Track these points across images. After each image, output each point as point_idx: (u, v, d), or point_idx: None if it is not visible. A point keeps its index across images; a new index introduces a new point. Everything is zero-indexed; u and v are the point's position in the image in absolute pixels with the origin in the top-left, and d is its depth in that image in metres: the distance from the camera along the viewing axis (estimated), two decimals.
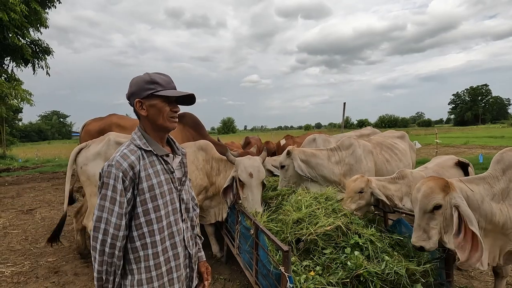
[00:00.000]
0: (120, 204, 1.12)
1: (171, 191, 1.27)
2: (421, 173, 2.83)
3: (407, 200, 2.75)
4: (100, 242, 1.11)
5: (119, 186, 1.12)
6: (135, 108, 1.24)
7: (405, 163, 3.50)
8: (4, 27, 8.37)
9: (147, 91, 1.21)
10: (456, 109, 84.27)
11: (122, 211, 1.12)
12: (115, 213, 1.11)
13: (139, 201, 1.17)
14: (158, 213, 1.20)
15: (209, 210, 3.21)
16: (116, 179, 1.11)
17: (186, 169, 1.41)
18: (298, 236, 2.25)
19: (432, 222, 1.90)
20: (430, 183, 1.92)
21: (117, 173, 1.12)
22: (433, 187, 1.88)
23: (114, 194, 1.11)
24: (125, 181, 1.13)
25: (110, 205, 1.11)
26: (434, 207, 1.86)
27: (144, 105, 1.22)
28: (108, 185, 1.12)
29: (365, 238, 2.20)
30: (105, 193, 1.12)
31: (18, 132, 41.17)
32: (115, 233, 1.12)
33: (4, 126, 20.15)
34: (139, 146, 1.22)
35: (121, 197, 1.12)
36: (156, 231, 1.20)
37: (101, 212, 1.11)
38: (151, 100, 1.22)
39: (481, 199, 1.89)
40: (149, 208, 1.18)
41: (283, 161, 3.30)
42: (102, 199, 1.12)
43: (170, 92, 1.23)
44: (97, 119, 4.32)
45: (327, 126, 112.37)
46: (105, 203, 1.11)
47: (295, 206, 2.56)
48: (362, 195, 2.59)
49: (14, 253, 3.81)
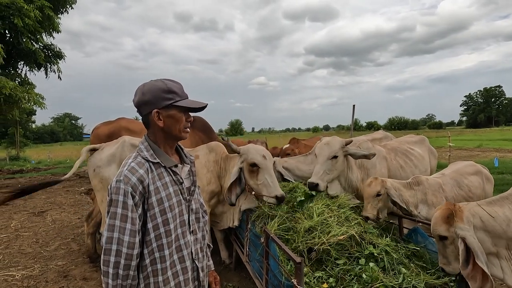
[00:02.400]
0: (132, 220, 1.07)
1: (180, 203, 1.23)
2: (437, 180, 2.72)
3: (422, 207, 2.64)
4: (113, 265, 1.04)
5: (130, 201, 1.07)
6: (151, 118, 1.17)
7: (421, 169, 3.38)
8: (19, 32, 8.57)
9: (165, 101, 1.15)
10: (469, 111, 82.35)
11: (135, 228, 1.07)
12: (127, 231, 1.05)
13: (149, 216, 1.13)
14: (167, 227, 1.16)
15: (222, 215, 3.14)
16: (126, 195, 1.06)
17: (195, 177, 1.36)
18: (309, 246, 2.18)
19: (446, 249, 1.87)
20: (436, 214, 1.89)
21: (126, 188, 1.07)
22: (437, 218, 1.85)
23: (125, 211, 1.06)
24: (135, 196, 1.08)
25: (121, 223, 1.05)
26: (440, 238, 1.84)
27: (161, 115, 1.17)
28: (117, 202, 1.06)
29: (380, 249, 2.11)
30: (115, 211, 1.06)
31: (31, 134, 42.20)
32: (129, 253, 1.06)
33: (18, 129, 20.66)
34: (146, 158, 1.17)
35: (132, 213, 1.07)
36: (165, 245, 1.15)
37: (111, 232, 1.05)
38: (169, 111, 1.17)
39: (506, 222, 1.74)
40: (158, 222, 1.14)
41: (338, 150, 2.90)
42: (111, 218, 1.06)
43: (189, 103, 1.19)
44: (106, 123, 4.34)
45: (335, 129, 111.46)
46: (115, 222, 1.05)
47: (306, 214, 2.49)
48: (380, 198, 2.52)
49: (25, 256, 3.84)
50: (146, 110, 1.17)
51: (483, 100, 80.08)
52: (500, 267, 1.77)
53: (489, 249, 1.75)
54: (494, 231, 1.74)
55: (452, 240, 1.81)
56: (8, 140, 22.33)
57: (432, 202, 2.61)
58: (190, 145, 3.73)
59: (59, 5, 10.32)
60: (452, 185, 2.72)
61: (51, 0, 9.63)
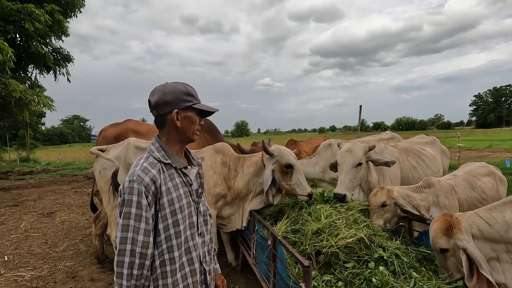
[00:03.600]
0: (146, 220, 1.07)
1: (189, 204, 1.23)
2: (449, 181, 2.65)
3: (434, 210, 2.58)
4: (128, 266, 1.04)
5: (143, 201, 1.07)
6: (169, 118, 1.19)
7: (433, 169, 3.31)
8: (29, 36, 8.73)
9: (185, 103, 1.19)
10: (478, 110, 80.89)
11: (149, 227, 1.07)
12: (141, 230, 1.06)
13: (160, 217, 1.13)
14: (177, 228, 1.15)
15: (230, 217, 3.12)
16: (140, 195, 1.06)
17: (202, 180, 1.36)
18: (317, 248, 2.15)
19: (447, 262, 1.84)
20: (434, 226, 1.87)
21: (140, 188, 1.07)
22: (436, 231, 1.83)
23: (139, 210, 1.06)
24: (148, 196, 1.08)
25: (136, 223, 1.05)
26: (440, 250, 1.82)
27: (179, 116, 1.19)
28: (131, 202, 1.06)
29: (390, 252, 2.06)
30: (129, 210, 1.06)
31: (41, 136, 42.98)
32: (143, 252, 1.06)
33: (28, 131, 21.06)
34: (158, 158, 1.17)
35: (146, 212, 1.07)
36: (175, 247, 1.15)
37: (126, 232, 1.05)
38: (187, 112, 1.20)
39: (505, 228, 1.72)
40: (169, 223, 1.14)
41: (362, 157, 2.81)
42: (125, 218, 1.06)
43: (205, 107, 1.24)
44: (114, 124, 4.37)
45: (342, 129, 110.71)
46: (130, 222, 1.05)
47: (314, 216, 2.45)
48: (386, 209, 2.43)
49: (34, 257, 3.89)
50: (165, 110, 1.19)
51: (493, 99, 78.59)
52: (501, 271, 1.76)
53: (489, 254, 1.75)
54: (492, 238, 1.74)
55: (453, 252, 1.79)
56: (19, 142, 22.79)
57: (445, 205, 2.54)
58: (196, 147, 3.72)
59: (68, 9, 10.48)
60: (464, 186, 2.65)
61: (61, 4, 9.80)
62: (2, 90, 7.64)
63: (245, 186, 2.93)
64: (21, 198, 7.80)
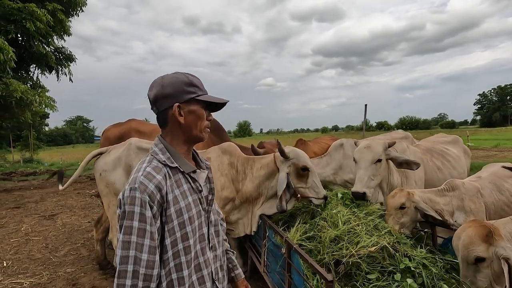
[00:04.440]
0: (151, 235, 0.90)
1: (199, 214, 1.06)
2: (474, 184, 2.47)
3: (459, 215, 2.39)
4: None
5: (147, 213, 0.90)
6: (170, 114, 1.03)
7: (459, 170, 3.12)
8: (30, 36, 8.63)
9: (187, 95, 1.01)
10: (483, 109, 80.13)
11: (154, 244, 0.91)
12: (145, 248, 0.89)
13: (167, 230, 0.96)
14: (187, 243, 0.99)
15: (238, 221, 2.95)
16: (143, 205, 0.90)
17: (212, 185, 1.19)
18: (336, 257, 1.97)
19: (479, 275, 1.63)
20: (469, 231, 1.65)
21: (143, 197, 0.90)
22: (473, 237, 1.62)
23: (143, 224, 0.89)
24: (153, 207, 0.92)
25: (138, 239, 0.88)
26: (476, 260, 1.61)
27: (182, 110, 1.02)
28: (132, 214, 0.89)
29: (417, 262, 1.89)
30: (130, 224, 0.89)
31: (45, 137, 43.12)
32: (148, 273, 0.89)
33: (32, 132, 21.06)
34: (164, 162, 1.00)
35: (151, 226, 0.90)
36: (184, 265, 0.98)
37: (127, 251, 0.88)
38: (191, 106, 1.03)
39: None
40: (177, 237, 0.97)
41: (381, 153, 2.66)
42: (126, 233, 0.89)
43: (211, 98, 1.05)
44: (117, 124, 4.23)
45: (344, 129, 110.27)
46: (131, 238, 0.88)
47: (330, 221, 2.28)
48: (404, 211, 2.26)
49: (34, 262, 3.75)
50: (165, 105, 1.02)
51: (498, 98, 77.84)
52: None
53: None
54: None
55: (489, 262, 1.60)
56: (22, 142, 22.81)
57: (470, 209, 2.36)
58: (202, 147, 3.56)
59: (70, 8, 10.38)
60: (491, 189, 2.46)
61: (63, 3, 9.69)
62: (3, 90, 7.53)
63: (255, 189, 2.76)
64: (23, 199, 7.69)
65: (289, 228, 2.46)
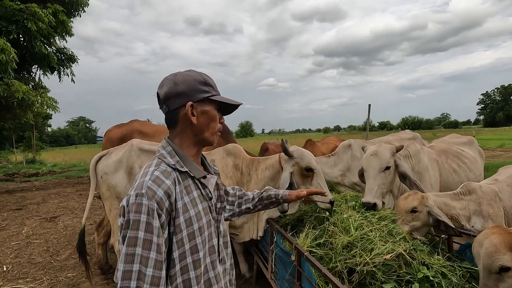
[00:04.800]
0: (158, 247, 0.80)
1: (209, 223, 0.97)
2: (492, 187, 2.35)
3: (476, 220, 2.28)
4: None
5: (155, 222, 0.81)
6: (182, 113, 0.94)
7: (476, 173, 3.00)
8: (32, 36, 8.58)
9: (202, 94, 0.94)
10: (486, 109, 79.56)
11: (161, 257, 0.81)
12: (151, 262, 0.79)
13: (175, 242, 0.86)
14: (196, 256, 0.89)
15: (243, 226, 2.85)
16: (151, 213, 0.80)
17: (221, 192, 1.10)
18: (350, 265, 1.87)
19: (501, 285, 1.52)
20: (494, 239, 1.53)
21: (151, 204, 0.81)
22: (498, 245, 1.50)
23: (149, 234, 0.79)
24: (161, 215, 0.83)
25: (144, 252, 0.78)
26: (501, 269, 1.49)
27: (195, 110, 0.94)
28: (138, 223, 0.79)
29: (435, 270, 1.78)
30: (135, 235, 0.79)
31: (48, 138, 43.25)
32: None
33: (34, 132, 21.08)
34: (173, 166, 0.91)
35: (158, 237, 0.81)
36: (193, 281, 0.89)
37: (130, 264, 0.78)
38: (204, 105, 0.95)
39: None
40: (185, 250, 0.88)
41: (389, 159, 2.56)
42: (130, 244, 0.79)
43: (228, 99, 0.98)
44: (119, 125, 4.15)
45: (346, 129, 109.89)
46: (136, 250, 0.78)
47: (341, 227, 2.18)
48: (416, 215, 2.14)
49: (35, 266, 3.66)
50: (178, 103, 0.94)
51: (501, 98, 77.29)
52: None
53: None
54: None
55: None
56: (25, 143, 22.85)
57: (489, 214, 2.24)
58: (206, 149, 3.47)
59: (72, 8, 10.34)
60: (510, 193, 2.35)
61: (64, 4, 9.65)
62: (4, 91, 7.48)
63: None
64: (25, 201, 7.63)
65: (298, 233, 2.36)
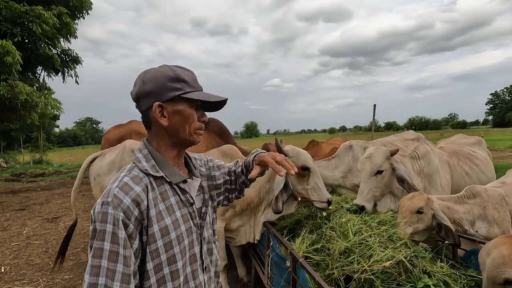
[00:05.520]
0: (125, 260, 0.74)
1: (190, 231, 0.90)
2: (499, 190, 2.24)
3: (481, 224, 2.18)
4: None
5: (121, 233, 0.75)
6: (152, 114, 0.87)
7: (489, 175, 2.87)
8: (36, 38, 8.66)
9: (171, 92, 0.86)
10: (495, 109, 78.13)
11: (129, 270, 0.75)
12: (118, 275, 0.73)
13: (149, 252, 0.80)
14: (174, 266, 0.83)
15: (239, 229, 2.79)
16: (116, 223, 0.75)
17: (206, 195, 1.03)
18: (347, 273, 1.79)
19: None
20: (503, 250, 1.45)
21: (116, 214, 0.75)
22: (506, 257, 1.43)
23: (115, 246, 0.74)
24: (129, 225, 0.77)
25: (110, 264, 0.73)
26: (505, 282, 1.41)
27: (165, 110, 0.87)
28: (103, 233, 0.74)
29: (437, 279, 1.69)
30: (100, 246, 0.74)
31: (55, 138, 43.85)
32: None
33: (41, 133, 21.36)
34: (146, 170, 0.85)
35: (125, 249, 0.75)
36: None
37: (96, 278, 0.73)
38: (177, 105, 0.87)
39: None
40: (162, 261, 0.82)
41: (382, 164, 2.52)
42: (95, 256, 0.74)
43: (203, 95, 0.89)
44: (117, 126, 4.13)
45: (352, 129, 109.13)
46: (101, 262, 0.73)
47: (340, 231, 2.10)
48: (421, 217, 2.06)
49: (32, 268, 3.65)
50: (146, 104, 0.87)
51: (510, 97, 75.82)
52: None
53: None
54: None
55: None
56: (33, 144, 23.18)
57: (494, 218, 2.14)
58: (205, 150, 3.41)
59: (76, 11, 10.41)
60: None
61: (68, 7, 9.72)
62: (8, 92, 7.56)
63: (256, 194, 2.59)
64: (28, 201, 7.69)
65: (295, 237, 2.28)
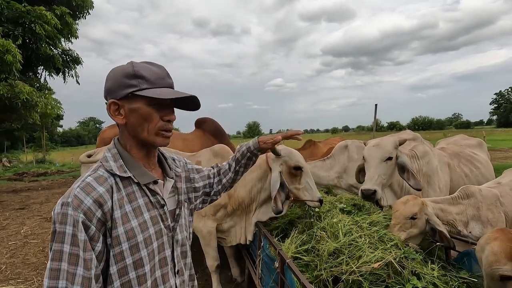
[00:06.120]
0: (86, 263, 0.73)
1: (160, 234, 0.88)
2: (493, 191, 2.21)
3: (474, 225, 2.14)
4: None
5: (81, 235, 0.73)
6: (109, 112, 0.87)
7: (489, 179, 2.82)
8: (37, 38, 8.71)
9: (125, 89, 0.83)
10: (500, 109, 77.41)
11: (89, 274, 0.73)
12: (78, 279, 0.71)
13: (113, 255, 0.79)
14: (141, 270, 0.81)
15: (230, 230, 2.77)
16: (76, 225, 0.73)
17: (180, 197, 1.00)
18: (335, 274, 1.77)
19: None
20: (494, 247, 1.45)
21: (76, 215, 0.73)
22: (498, 254, 1.42)
23: (75, 248, 0.72)
24: (90, 227, 0.75)
25: (70, 267, 0.71)
26: (501, 278, 1.41)
27: (122, 109, 0.84)
28: (63, 235, 0.72)
29: (427, 281, 1.66)
30: (59, 248, 0.72)
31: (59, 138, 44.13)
32: None
33: (44, 133, 21.50)
34: (111, 170, 0.83)
35: (85, 252, 0.73)
36: None
37: (55, 281, 0.71)
38: (132, 103, 0.84)
39: None
40: (127, 264, 0.79)
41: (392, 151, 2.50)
42: (54, 259, 0.72)
43: (158, 93, 0.84)
44: (113, 126, 4.12)
45: (355, 129, 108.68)
46: (61, 265, 0.71)
47: (330, 232, 2.07)
48: (414, 222, 2.02)
49: (28, 267, 3.67)
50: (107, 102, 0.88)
51: None
52: None
53: None
54: None
55: None
56: (36, 144, 23.34)
57: (488, 219, 2.11)
58: (201, 149, 3.39)
59: (77, 11, 10.46)
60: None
61: (70, 6, 9.77)
62: (8, 92, 7.60)
63: (247, 194, 2.57)
64: (29, 201, 7.73)
65: (286, 237, 2.26)
